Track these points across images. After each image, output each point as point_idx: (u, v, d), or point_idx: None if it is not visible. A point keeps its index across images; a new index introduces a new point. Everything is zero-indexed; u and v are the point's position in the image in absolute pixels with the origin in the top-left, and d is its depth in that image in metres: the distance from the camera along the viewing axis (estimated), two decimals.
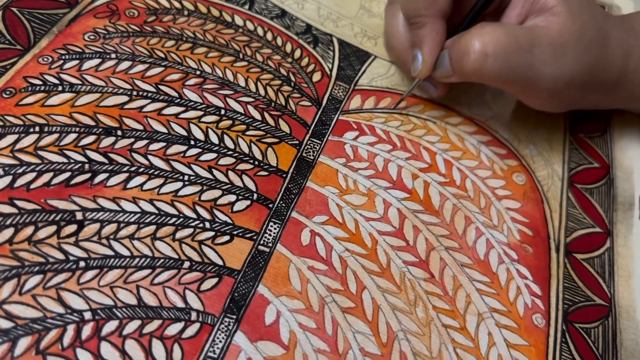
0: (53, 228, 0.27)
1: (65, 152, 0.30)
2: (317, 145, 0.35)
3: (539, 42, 0.33)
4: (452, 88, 0.40)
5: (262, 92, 0.36)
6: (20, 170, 0.28)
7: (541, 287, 0.33)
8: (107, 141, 0.31)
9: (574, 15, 0.33)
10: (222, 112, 0.34)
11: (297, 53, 0.39)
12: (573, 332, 0.32)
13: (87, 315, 0.25)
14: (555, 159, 0.40)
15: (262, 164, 0.33)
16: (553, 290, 0.33)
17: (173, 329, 0.26)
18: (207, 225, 0.30)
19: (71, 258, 0.27)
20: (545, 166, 0.40)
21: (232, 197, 0.31)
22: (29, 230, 0.27)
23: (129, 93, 0.33)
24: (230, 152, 0.33)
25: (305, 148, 0.35)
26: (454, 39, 0.35)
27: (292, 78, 0.38)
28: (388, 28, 0.39)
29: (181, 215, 0.30)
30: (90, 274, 0.27)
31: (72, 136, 0.31)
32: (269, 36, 0.40)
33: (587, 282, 0.35)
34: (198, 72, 0.36)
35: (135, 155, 0.31)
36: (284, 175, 0.33)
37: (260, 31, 0.40)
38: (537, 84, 0.34)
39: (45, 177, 0.29)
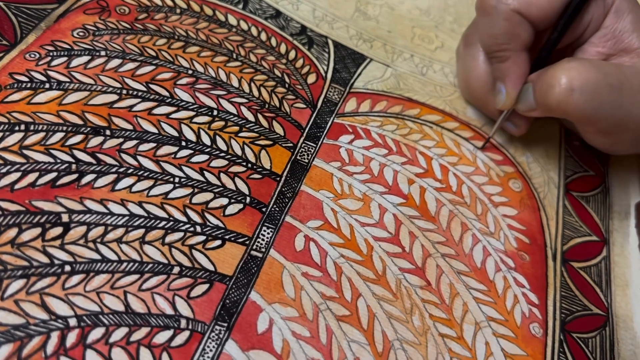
0: (38, 230, 0.26)
1: (52, 151, 0.29)
2: (312, 149, 0.34)
3: (629, 81, 0.32)
4: (448, 94, 0.40)
5: (255, 93, 0.35)
6: (4, 170, 0.27)
7: (538, 295, 0.33)
8: (95, 141, 0.30)
9: None
10: (215, 112, 0.33)
11: (292, 54, 0.39)
12: (571, 342, 0.32)
13: (72, 322, 0.24)
14: (552, 166, 0.40)
15: (255, 167, 0.32)
16: (550, 299, 0.33)
17: (161, 337, 0.25)
18: (198, 229, 0.29)
19: (56, 262, 0.26)
20: (542, 173, 0.39)
21: (224, 201, 0.30)
22: (12, 232, 0.26)
23: (118, 92, 0.32)
24: (222, 154, 0.32)
25: (300, 151, 0.34)
26: (539, 72, 0.34)
27: (287, 79, 0.37)
28: (467, 71, 0.38)
29: (171, 218, 0.29)
30: (75, 279, 0.25)
31: (59, 135, 0.29)
32: (263, 36, 0.39)
33: (584, 291, 0.34)
34: (190, 72, 0.35)
35: (124, 156, 0.30)
36: (278, 178, 0.32)
37: (254, 31, 0.39)
38: (624, 124, 0.33)
39: (31, 177, 0.28)
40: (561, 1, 0.33)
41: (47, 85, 0.31)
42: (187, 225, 0.29)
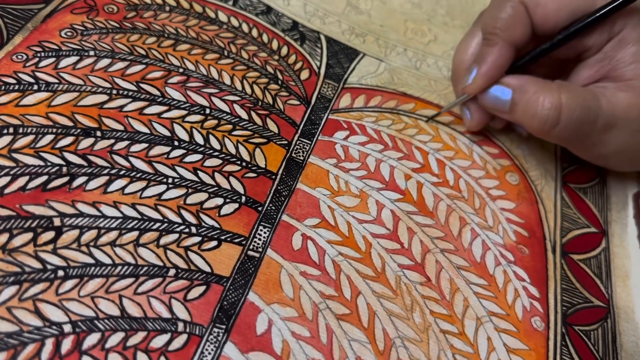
0: (29, 235, 0.26)
1: (42, 154, 0.28)
2: (307, 146, 0.34)
3: (603, 112, 0.32)
4: (443, 88, 0.40)
5: (248, 90, 0.35)
6: None
7: (539, 289, 0.32)
8: (85, 142, 0.29)
9: None
10: (207, 111, 0.33)
11: (284, 50, 0.38)
12: (573, 335, 0.31)
13: (67, 328, 0.24)
14: (548, 158, 0.40)
15: (250, 165, 0.32)
16: (551, 292, 0.33)
17: (159, 341, 0.25)
18: (193, 230, 0.28)
19: (49, 267, 0.25)
20: (538, 166, 0.39)
21: (219, 200, 0.30)
22: (3, 238, 0.25)
23: (108, 92, 0.32)
24: (216, 153, 0.31)
25: (295, 148, 0.33)
26: (523, 82, 0.33)
27: (280, 76, 0.37)
28: (459, 44, 0.38)
29: (165, 220, 0.28)
30: (69, 284, 0.25)
31: (49, 137, 0.29)
32: (255, 33, 0.38)
33: (585, 283, 0.34)
34: (181, 70, 0.34)
35: (115, 157, 0.29)
36: (273, 176, 0.32)
37: (245, 28, 0.38)
38: (590, 148, 0.34)
39: (21, 181, 0.27)
40: (568, 14, 0.33)
41: (35, 87, 0.30)
42: (182, 227, 0.28)
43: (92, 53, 0.33)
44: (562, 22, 0.33)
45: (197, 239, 0.28)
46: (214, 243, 0.28)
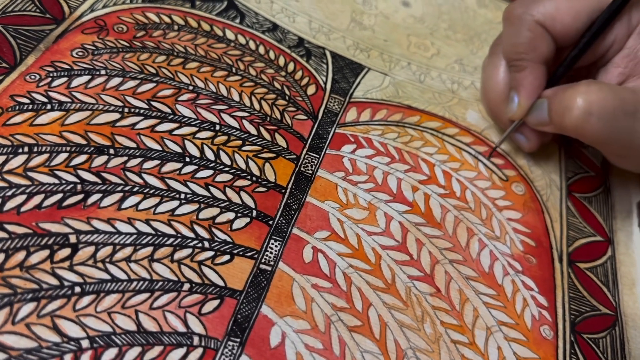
0: (46, 252, 0.26)
1: (56, 172, 0.29)
2: (315, 160, 0.34)
3: None
4: (447, 101, 0.40)
5: (256, 106, 0.35)
6: (9, 193, 0.27)
7: (547, 298, 0.33)
8: (99, 160, 0.30)
9: None
10: (217, 127, 0.33)
11: (291, 66, 0.39)
12: (582, 343, 0.32)
13: (85, 344, 0.24)
14: (552, 168, 0.40)
15: (260, 180, 0.32)
16: (559, 301, 0.33)
17: (175, 355, 0.25)
18: (206, 244, 0.29)
19: (66, 283, 0.25)
20: (543, 176, 0.39)
21: (231, 215, 0.30)
22: (20, 255, 0.26)
23: (120, 110, 0.32)
24: (227, 169, 0.32)
25: (303, 162, 0.34)
26: (555, 90, 0.34)
27: (287, 92, 0.37)
28: (486, 79, 0.38)
29: (179, 235, 0.29)
30: (86, 300, 0.25)
31: (63, 156, 0.29)
32: (261, 50, 0.39)
33: (592, 291, 0.34)
34: (191, 88, 0.35)
35: (129, 174, 0.30)
36: (283, 190, 0.32)
37: (252, 45, 0.39)
38: (635, 148, 0.33)
39: (36, 199, 0.27)
40: (586, 19, 0.33)
41: (48, 106, 0.31)
42: (195, 242, 0.29)
43: (103, 72, 0.34)
44: (582, 27, 0.33)
45: (210, 253, 0.29)
46: (226, 257, 0.29)
